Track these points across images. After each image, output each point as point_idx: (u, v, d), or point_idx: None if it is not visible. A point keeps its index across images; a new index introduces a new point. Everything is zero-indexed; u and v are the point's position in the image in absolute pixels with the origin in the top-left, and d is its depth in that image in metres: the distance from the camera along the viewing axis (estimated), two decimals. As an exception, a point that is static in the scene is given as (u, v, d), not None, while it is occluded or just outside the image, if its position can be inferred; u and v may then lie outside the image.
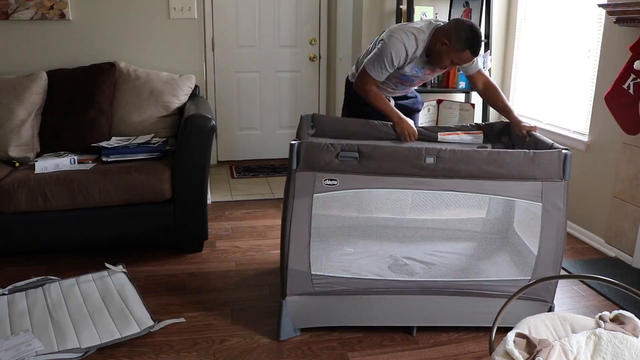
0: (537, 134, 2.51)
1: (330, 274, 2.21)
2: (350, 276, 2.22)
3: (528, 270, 2.26)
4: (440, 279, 2.28)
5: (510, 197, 2.17)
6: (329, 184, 2.07)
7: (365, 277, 2.23)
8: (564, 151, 2.12)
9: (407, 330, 2.33)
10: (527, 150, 2.11)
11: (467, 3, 4.00)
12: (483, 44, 2.44)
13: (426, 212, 2.31)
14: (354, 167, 2.07)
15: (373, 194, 2.23)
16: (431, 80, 4.02)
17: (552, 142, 2.31)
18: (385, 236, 2.62)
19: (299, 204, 2.09)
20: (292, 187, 2.08)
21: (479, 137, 2.68)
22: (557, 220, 2.16)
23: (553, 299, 2.30)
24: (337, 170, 2.06)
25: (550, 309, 2.32)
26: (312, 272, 2.17)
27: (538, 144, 2.39)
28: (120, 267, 2.77)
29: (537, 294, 2.26)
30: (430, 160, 2.05)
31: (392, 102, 2.93)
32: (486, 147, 2.69)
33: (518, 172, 2.10)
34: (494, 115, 4.36)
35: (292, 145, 2.06)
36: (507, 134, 2.70)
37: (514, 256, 2.48)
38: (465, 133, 2.66)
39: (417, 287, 2.23)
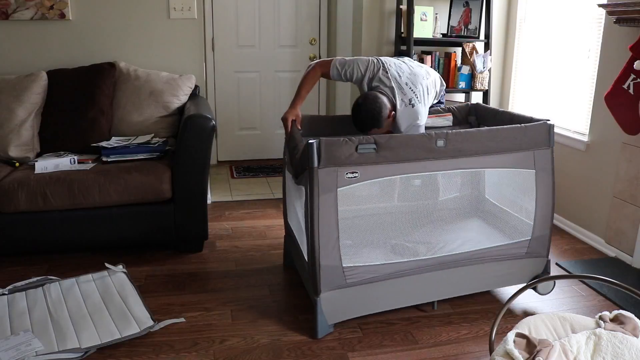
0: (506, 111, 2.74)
1: (361, 264, 2.28)
2: (380, 263, 2.31)
3: (518, 232, 2.55)
4: (457, 252, 2.42)
5: (509, 168, 2.41)
6: (351, 177, 2.16)
7: (394, 262, 2.33)
8: (548, 122, 2.42)
9: (429, 304, 2.51)
10: (520, 125, 2.36)
11: (467, 3, 4.00)
12: (366, 119, 2.50)
13: (414, 197, 2.48)
14: (372, 158, 2.17)
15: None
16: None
17: (531, 116, 2.55)
18: (378, 224, 2.71)
19: (325, 200, 2.14)
20: (316, 185, 2.12)
21: (448, 119, 2.88)
22: (547, 182, 2.46)
23: (548, 253, 2.58)
24: (357, 162, 2.15)
25: (548, 263, 2.60)
26: (344, 265, 2.23)
27: (514, 119, 2.59)
28: (120, 267, 2.77)
29: (536, 252, 2.54)
30: (440, 142, 2.22)
31: None
32: (455, 129, 2.88)
33: (513, 144, 2.35)
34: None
35: (310, 144, 2.09)
36: (474, 114, 2.90)
37: (504, 223, 2.71)
38: (436, 116, 2.84)
39: (437, 263, 2.38)
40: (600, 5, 2.95)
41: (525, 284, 1.61)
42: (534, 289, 2.58)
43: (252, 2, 4.82)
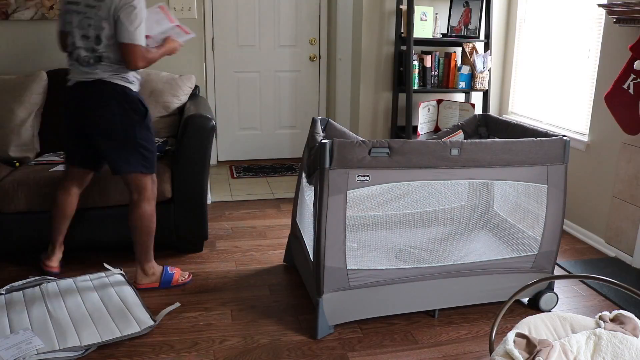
0: (517, 121, 2.70)
1: (366, 267, 2.28)
2: (384, 267, 2.31)
3: (524, 246, 2.53)
4: (461, 262, 2.41)
5: (521, 181, 2.36)
6: (362, 180, 2.15)
7: (399, 267, 2.33)
8: (564, 138, 2.35)
9: (430, 312, 2.48)
10: (536, 139, 2.32)
11: (467, 3, 4.00)
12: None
13: (418, 203, 2.49)
14: (384, 162, 2.16)
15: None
16: (431, 80, 4.02)
17: (546, 130, 2.49)
18: (383, 228, 2.78)
19: (334, 202, 2.14)
20: (326, 186, 2.12)
21: (459, 137, 2.83)
22: (559, 198, 2.41)
23: (554, 269, 2.54)
24: (369, 166, 2.14)
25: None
26: (348, 267, 2.23)
27: (527, 132, 2.54)
28: (118, 269, 2.77)
29: (542, 267, 2.50)
30: (455, 151, 2.21)
31: None
32: None
33: (528, 158, 2.31)
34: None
35: (323, 144, 2.08)
36: (484, 125, 2.86)
37: (511, 236, 2.70)
38: (448, 138, 2.78)
39: (441, 272, 2.37)
40: (600, 5, 2.95)
41: (525, 285, 1.61)
42: (537, 304, 2.54)
43: (252, 2, 4.82)
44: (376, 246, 2.61)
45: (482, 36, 4.06)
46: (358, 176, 2.14)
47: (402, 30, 3.93)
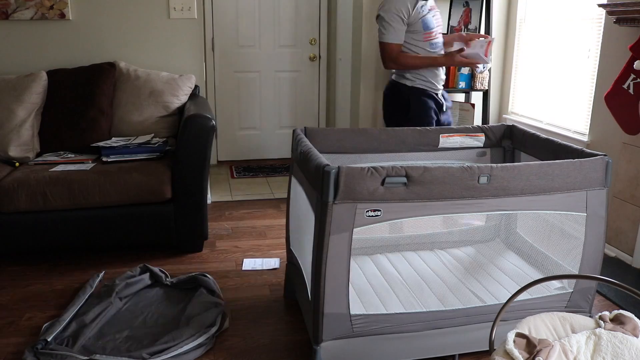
0: (538, 133, 2.50)
1: (373, 312, 2.02)
2: (395, 312, 2.04)
3: (557, 283, 2.21)
4: (485, 304, 2.13)
5: (558, 211, 2.05)
6: (372, 216, 1.83)
7: (412, 312, 2.06)
8: (606, 158, 2.05)
9: (449, 356, 2.16)
10: (574, 160, 2.01)
11: (467, 3, 4.00)
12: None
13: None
14: (400, 194, 1.84)
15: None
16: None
17: (582, 148, 2.20)
18: (388, 256, 2.58)
19: (336, 241, 1.82)
20: (328, 223, 1.79)
21: (480, 139, 2.65)
22: (599, 228, 2.10)
23: (591, 308, 2.21)
24: (382, 198, 1.82)
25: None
26: (352, 313, 1.94)
27: (560, 150, 2.27)
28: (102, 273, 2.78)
29: (577, 307, 2.19)
30: (483, 179, 1.89)
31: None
32: (485, 152, 2.69)
33: (566, 183, 2.00)
34: (493, 117, 4.36)
35: (328, 172, 1.76)
36: (509, 137, 2.67)
37: (540, 268, 2.41)
38: (466, 135, 2.62)
39: (463, 316, 2.07)
40: (600, 5, 2.95)
41: (524, 286, 1.61)
42: None
43: (252, 2, 4.82)
44: (384, 287, 2.27)
45: (482, 36, 4.05)
46: (367, 211, 1.81)
47: (402, 30, 3.92)
